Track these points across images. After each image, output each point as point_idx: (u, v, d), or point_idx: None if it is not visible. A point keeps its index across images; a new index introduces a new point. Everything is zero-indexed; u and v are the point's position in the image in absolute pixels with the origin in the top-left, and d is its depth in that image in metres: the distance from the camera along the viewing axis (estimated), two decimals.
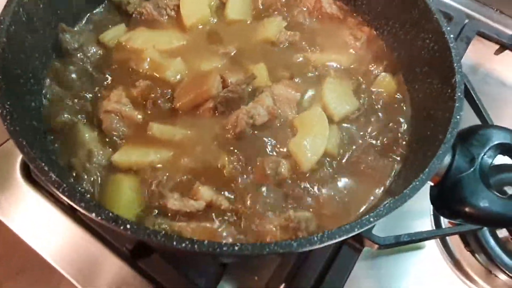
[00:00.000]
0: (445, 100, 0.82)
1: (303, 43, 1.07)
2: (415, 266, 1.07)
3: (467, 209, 0.74)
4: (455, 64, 0.83)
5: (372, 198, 0.86)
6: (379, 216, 0.64)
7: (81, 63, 0.95)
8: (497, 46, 1.50)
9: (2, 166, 1.08)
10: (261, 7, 1.13)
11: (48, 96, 0.89)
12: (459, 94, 0.79)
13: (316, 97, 0.97)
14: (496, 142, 0.81)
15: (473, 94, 1.20)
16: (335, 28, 1.11)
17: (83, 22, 1.03)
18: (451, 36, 0.87)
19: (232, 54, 1.03)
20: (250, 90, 0.94)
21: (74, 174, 0.81)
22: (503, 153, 0.81)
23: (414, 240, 1.01)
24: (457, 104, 0.77)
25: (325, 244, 0.62)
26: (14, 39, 0.79)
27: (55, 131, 0.85)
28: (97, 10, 1.05)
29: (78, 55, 0.95)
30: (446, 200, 0.77)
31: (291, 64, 1.03)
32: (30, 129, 0.76)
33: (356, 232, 0.63)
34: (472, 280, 1.09)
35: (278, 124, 0.92)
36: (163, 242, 0.58)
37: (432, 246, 1.11)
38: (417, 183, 0.69)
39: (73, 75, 0.93)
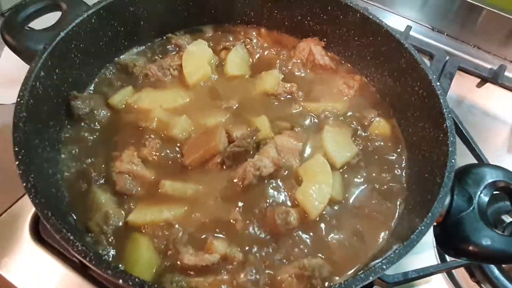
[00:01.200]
0: (438, 144, 0.88)
1: (300, 93, 1.13)
2: None
3: (470, 248, 0.79)
4: (444, 110, 0.89)
5: (380, 240, 0.90)
6: (391, 263, 0.68)
7: (92, 127, 1.00)
8: (478, 80, 1.60)
9: (11, 227, 1.09)
10: (258, 62, 1.20)
11: (63, 162, 0.93)
12: (452, 138, 0.85)
13: (317, 145, 1.02)
14: (490, 181, 0.86)
15: (461, 128, 1.27)
16: (329, 78, 1.19)
17: (92, 86, 1.09)
18: (438, 84, 0.95)
19: (234, 108, 1.09)
20: (254, 142, 0.98)
21: (92, 236, 0.84)
22: (498, 190, 0.86)
23: (421, 276, 1.04)
24: (450, 149, 0.83)
25: None
26: (32, 112, 0.83)
27: (73, 197, 0.88)
28: (105, 74, 1.11)
29: (90, 119, 1.00)
30: (450, 239, 0.81)
31: (291, 114, 1.09)
32: (51, 197, 0.79)
33: (371, 280, 0.67)
34: None
35: (284, 174, 0.96)
36: None
37: (439, 279, 1.13)
38: (423, 228, 0.73)
39: (86, 139, 0.98)
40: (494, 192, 0.85)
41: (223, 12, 1.24)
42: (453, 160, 0.82)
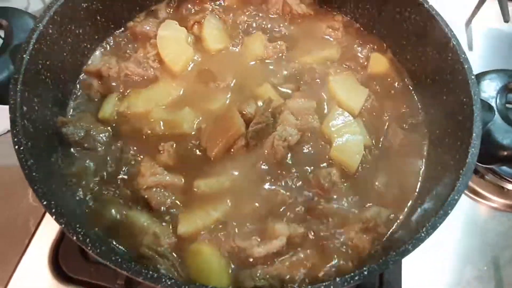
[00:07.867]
0: (448, 64, 0.89)
1: (291, 51, 1.08)
2: None
3: (506, 153, 0.84)
4: (446, 30, 0.90)
5: (421, 169, 0.93)
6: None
7: (95, 149, 0.89)
8: None
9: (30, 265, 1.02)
10: (234, 27, 1.12)
11: (83, 196, 0.83)
12: (464, 55, 0.86)
13: (329, 97, 1.00)
14: (501, 85, 0.91)
15: None
16: (311, 26, 1.14)
17: (72, 105, 0.96)
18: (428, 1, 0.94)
19: (232, 84, 1.02)
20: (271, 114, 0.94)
21: (149, 263, 0.78)
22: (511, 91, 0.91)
23: None
24: (466, 66, 0.85)
25: None
26: (36, 155, 0.73)
27: (107, 227, 0.80)
28: (80, 86, 0.98)
29: (88, 142, 0.89)
30: (486, 151, 0.84)
31: (291, 74, 1.04)
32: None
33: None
34: (490, 200, 1.24)
35: (309, 136, 0.94)
36: None
37: None
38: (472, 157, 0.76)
39: (92, 165, 0.88)
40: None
41: None
42: (473, 77, 0.84)
